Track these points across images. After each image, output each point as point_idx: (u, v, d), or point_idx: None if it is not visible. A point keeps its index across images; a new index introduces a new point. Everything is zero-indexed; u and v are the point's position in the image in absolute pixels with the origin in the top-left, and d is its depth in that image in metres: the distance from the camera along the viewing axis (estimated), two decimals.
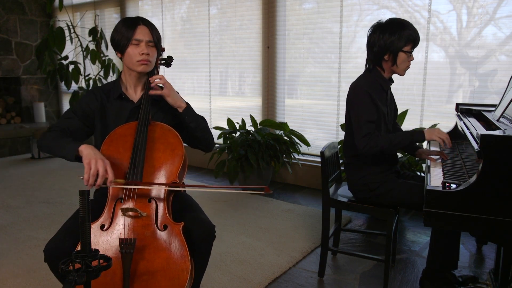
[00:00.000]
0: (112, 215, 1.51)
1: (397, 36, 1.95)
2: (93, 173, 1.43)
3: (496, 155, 1.40)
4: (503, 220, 1.42)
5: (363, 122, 1.98)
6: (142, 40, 1.65)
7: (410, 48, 1.99)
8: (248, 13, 4.23)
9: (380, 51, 2.01)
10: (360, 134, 1.98)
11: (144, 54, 1.65)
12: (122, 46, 1.66)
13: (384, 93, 2.11)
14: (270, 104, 4.24)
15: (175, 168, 1.59)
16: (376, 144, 1.96)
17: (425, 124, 3.32)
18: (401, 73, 2.07)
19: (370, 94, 2.01)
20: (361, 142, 1.98)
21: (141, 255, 1.44)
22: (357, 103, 2.03)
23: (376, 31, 2.02)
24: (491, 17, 3.02)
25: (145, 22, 1.68)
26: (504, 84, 2.95)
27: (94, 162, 1.44)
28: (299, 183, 4.07)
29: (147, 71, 1.71)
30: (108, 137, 1.63)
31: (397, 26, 1.97)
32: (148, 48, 1.66)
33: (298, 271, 2.37)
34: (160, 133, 1.65)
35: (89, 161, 1.45)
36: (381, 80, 2.08)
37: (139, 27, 1.65)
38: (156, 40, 1.69)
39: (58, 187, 3.94)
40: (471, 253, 2.61)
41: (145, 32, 1.65)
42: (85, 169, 1.44)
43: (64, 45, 4.62)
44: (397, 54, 1.99)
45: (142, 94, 1.73)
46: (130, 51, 1.66)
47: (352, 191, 2.20)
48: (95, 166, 1.44)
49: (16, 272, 2.31)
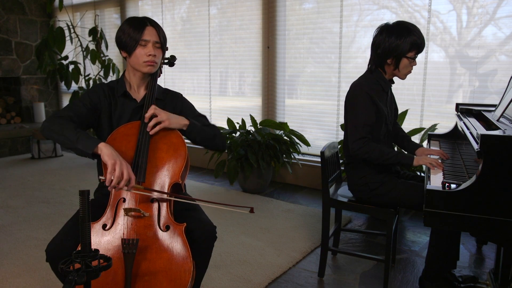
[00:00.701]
0: (115, 215, 1.51)
1: (402, 41, 1.94)
2: (118, 175, 1.41)
3: (496, 155, 1.40)
4: (503, 220, 1.42)
5: (360, 125, 1.98)
6: (149, 41, 1.64)
7: (414, 54, 1.98)
8: (248, 13, 4.23)
9: (384, 54, 2.00)
10: (355, 136, 1.99)
11: (151, 56, 1.64)
12: (130, 47, 1.65)
13: (385, 93, 2.11)
14: (270, 104, 4.24)
15: (178, 168, 1.59)
16: (369, 151, 1.97)
17: (425, 124, 3.32)
18: (402, 77, 2.07)
19: (371, 96, 2.01)
20: (355, 144, 1.98)
21: (143, 256, 1.44)
22: (357, 104, 2.03)
23: (382, 32, 2.00)
24: (491, 17, 3.02)
25: (152, 23, 1.68)
26: (504, 84, 2.95)
27: (119, 164, 1.42)
28: (299, 183, 4.07)
29: (153, 72, 1.71)
30: (111, 135, 1.63)
31: (404, 30, 1.95)
32: (155, 49, 1.66)
33: (298, 271, 2.38)
34: (163, 133, 1.64)
35: (114, 162, 1.42)
36: (382, 81, 2.08)
37: (147, 28, 1.64)
38: (163, 41, 1.69)
39: (58, 187, 3.94)
40: (471, 253, 2.62)
41: (153, 33, 1.65)
42: (109, 169, 1.41)
43: (64, 45, 4.62)
44: (400, 59, 1.98)
45: (145, 94, 1.73)
46: (137, 52, 1.65)
47: (352, 191, 2.20)
48: (120, 169, 1.41)
49: (16, 272, 2.31)
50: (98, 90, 1.72)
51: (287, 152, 3.69)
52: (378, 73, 2.08)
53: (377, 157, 1.97)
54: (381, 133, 2.10)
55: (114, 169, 1.41)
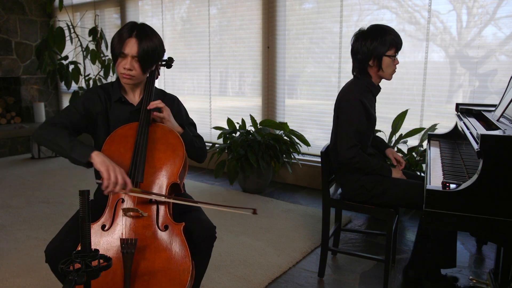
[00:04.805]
0: (113, 215, 1.51)
1: (379, 41, 1.98)
2: (113, 181, 1.42)
3: (496, 155, 1.40)
4: (503, 220, 1.42)
5: (351, 132, 2.00)
6: (127, 54, 1.60)
7: (394, 52, 2.02)
8: (248, 13, 4.23)
9: (364, 58, 2.03)
10: (348, 144, 2.00)
11: (125, 69, 1.62)
12: (113, 57, 1.65)
13: (374, 98, 2.15)
14: (270, 104, 4.24)
15: (176, 169, 1.59)
16: (360, 161, 2.02)
17: (425, 124, 3.32)
18: (388, 78, 2.10)
19: (363, 103, 2.02)
20: (348, 152, 2.00)
21: (142, 255, 1.44)
22: (349, 111, 2.03)
23: (358, 39, 2.04)
24: (491, 17, 3.02)
25: (139, 34, 1.60)
26: (504, 84, 2.95)
27: (113, 170, 1.43)
28: (299, 183, 4.07)
29: (131, 84, 1.69)
30: (109, 137, 1.63)
31: (378, 31, 2.01)
32: (133, 62, 1.61)
33: (298, 271, 2.38)
34: (160, 134, 1.65)
35: (107, 168, 1.43)
36: (371, 86, 2.10)
37: (129, 41, 1.59)
38: (143, 54, 1.60)
39: (58, 187, 3.94)
40: (471, 253, 2.62)
41: (133, 46, 1.59)
42: (104, 176, 1.43)
43: (64, 45, 4.62)
44: (381, 59, 2.02)
45: (141, 97, 1.73)
46: (118, 62, 1.64)
47: (350, 196, 2.17)
48: (114, 174, 1.43)
49: (16, 272, 2.31)
50: (92, 95, 1.71)
51: (287, 152, 3.69)
52: (366, 78, 2.10)
53: (365, 167, 2.05)
54: (369, 139, 2.14)
55: (109, 174, 1.42)
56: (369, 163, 2.04)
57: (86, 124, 1.69)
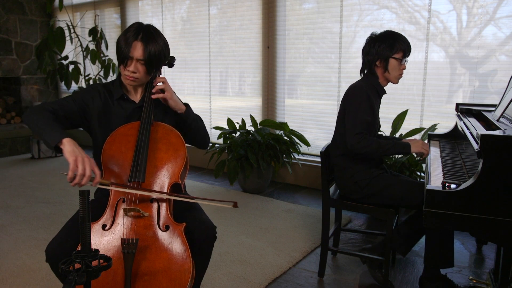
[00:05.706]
0: (114, 215, 1.51)
1: (388, 43, 2.07)
2: (80, 172, 1.39)
3: (496, 155, 1.40)
4: (503, 220, 1.42)
5: (359, 120, 2.03)
6: (133, 58, 1.60)
7: (401, 56, 2.08)
8: (248, 13, 4.23)
9: (373, 58, 2.12)
10: (354, 131, 2.02)
11: (129, 71, 1.62)
12: (119, 60, 1.64)
13: (379, 99, 2.19)
14: (270, 104, 4.24)
15: (178, 169, 1.59)
16: (368, 144, 2.00)
17: (425, 124, 3.32)
18: (394, 81, 2.15)
19: (369, 96, 2.08)
20: (353, 138, 2.00)
21: (143, 255, 1.44)
22: (356, 101, 2.08)
23: (371, 41, 2.13)
24: (491, 17, 3.02)
25: (145, 37, 1.60)
26: (504, 84, 2.95)
27: (81, 161, 1.40)
28: (299, 183, 4.07)
29: (134, 85, 1.70)
30: (110, 136, 1.63)
31: (389, 35, 2.10)
32: (138, 65, 1.61)
33: (298, 271, 2.38)
34: (162, 133, 1.65)
35: (75, 158, 1.40)
36: (378, 86, 2.16)
37: (135, 44, 1.59)
38: (148, 57, 1.60)
39: (58, 187, 3.94)
40: (471, 253, 2.62)
41: (139, 50, 1.59)
42: (71, 166, 1.39)
43: (64, 45, 4.61)
44: (388, 60, 2.08)
45: (143, 95, 1.73)
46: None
47: (344, 193, 2.20)
48: (82, 165, 1.39)
49: (16, 272, 2.31)
50: (93, 91, 1.72)
51: (287, 152, 3.69)
52: (373, 78, 2.15)
53: (375, 149, 2.00)
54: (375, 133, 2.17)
55: (76, 165, 1.39)
56: (379, 145, 2.00)
57: (79, 116, 1.67)
